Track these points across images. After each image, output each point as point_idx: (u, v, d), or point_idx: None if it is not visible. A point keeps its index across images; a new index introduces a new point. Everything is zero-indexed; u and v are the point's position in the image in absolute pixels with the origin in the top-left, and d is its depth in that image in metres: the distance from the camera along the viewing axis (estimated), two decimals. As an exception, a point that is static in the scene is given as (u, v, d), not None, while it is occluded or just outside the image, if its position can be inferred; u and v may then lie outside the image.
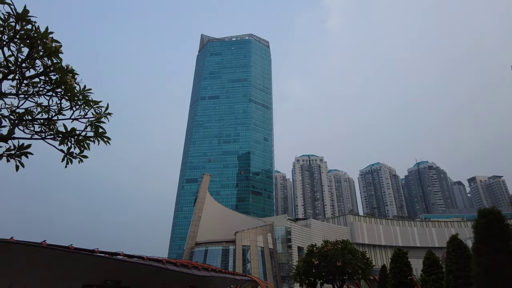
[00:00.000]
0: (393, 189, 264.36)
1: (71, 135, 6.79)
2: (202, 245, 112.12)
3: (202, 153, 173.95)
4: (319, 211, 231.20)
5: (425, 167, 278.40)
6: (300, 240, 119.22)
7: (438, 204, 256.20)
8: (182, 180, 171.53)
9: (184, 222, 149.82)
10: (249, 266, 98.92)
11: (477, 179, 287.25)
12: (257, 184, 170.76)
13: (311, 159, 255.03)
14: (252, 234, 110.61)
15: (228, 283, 39.11)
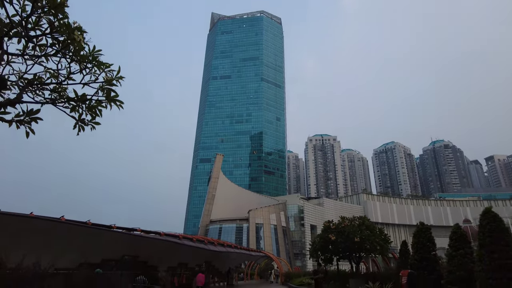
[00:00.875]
0: (408, 168, 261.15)
1: (82, 100, 6.39)
2: (217, 222, 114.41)
3: (214, 133, 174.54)
4: (332, 191, 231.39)
5: (441, 146, 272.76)
6: (313, 219, 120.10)
7: (454, 183, 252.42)
8: (195, 160, 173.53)
9: (198, 201, 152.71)
10: (262, 243, 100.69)
11: (495, 158, 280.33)
12: (270, 163, 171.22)
13: (324, 138, 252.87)
14: (265, 213, 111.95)
15: (243, 259, 39.74)
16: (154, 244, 22.08)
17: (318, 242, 19.86)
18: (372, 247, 18.15)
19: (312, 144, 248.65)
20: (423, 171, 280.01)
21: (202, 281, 18.50)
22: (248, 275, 44.55)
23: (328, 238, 19.16)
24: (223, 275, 35.50)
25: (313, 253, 20.67)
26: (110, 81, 6.29)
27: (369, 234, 18.61)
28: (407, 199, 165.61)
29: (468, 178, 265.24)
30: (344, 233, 18.65)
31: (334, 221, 20.74)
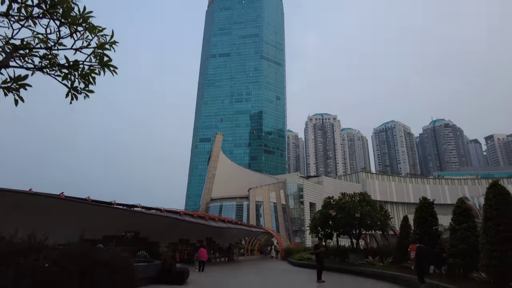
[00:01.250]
0: (407, 147, 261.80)
1: (74, 68, 6.00)
2: (217, 200, 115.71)
3: (214, 112, 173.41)
4: (331, 169, 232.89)
5: (441, 125, 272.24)
6: (312, 197, 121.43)
7: (452, 162, 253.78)
8: (195, 140, 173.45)
9: (199, 179, 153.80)
10: (262, 220, 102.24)
11: (495, 137, 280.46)
12: (270, 143, 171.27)
13: (324, 117, 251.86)
14: (265, 191, 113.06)
15: (244, 235, 40.33)
16: (155, 220, 22.19)
17: (319, 218, 19.94)
18: (373, 223, 18.22)
19: (312, 123, 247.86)
20: (422, 150, 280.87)
21: (205, 256, 18.66)
22: (249, 250, 45.40)
23: (328, 214, 19.21)
24: (224, 250, 36.10)
25: (313, 228, 20.80)
26: (103, 46, 5.90)
27: (369, 210, 18.64)
28: (406, 177, 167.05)
29: (467, 157, 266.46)
30: (344, 209, 18.67)
31: (334, 197, 20.75)
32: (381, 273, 14.06)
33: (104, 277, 5.18)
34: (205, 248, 19.56)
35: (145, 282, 11.21)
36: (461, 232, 9.66)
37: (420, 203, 12.74)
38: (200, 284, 12.12)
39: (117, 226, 20.33)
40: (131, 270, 5.91)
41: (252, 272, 18.49)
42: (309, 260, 25.05)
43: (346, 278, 15.31)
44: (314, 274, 17.18)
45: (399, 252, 14.64)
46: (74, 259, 5.02)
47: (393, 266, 15.00)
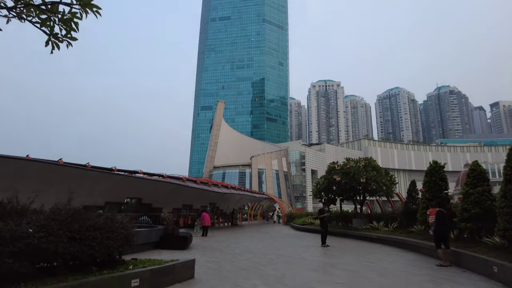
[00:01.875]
0: (410, 114, 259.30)
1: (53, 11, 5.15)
2: (220, 168, 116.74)
3: (215, 79, 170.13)
4: (333, 137, 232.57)
5: (446, 91, 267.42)
6: (313, 164, 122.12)
7: (456, 129, 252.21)
8: (197, 108, 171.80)
9: (202, 148, 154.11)
10: (264, 187, 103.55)
11: (501, 104, 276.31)
12: (272, 111, 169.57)
13: (327, 84, 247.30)
14: (267, 159, 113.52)
15: (246, 201, 40.68)
16: (157, 186, 22.03)
17: (322, 183, 19.64)
18: (378, 188, 17.91)
19: (315, 90, 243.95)
20: (426, 117, 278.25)
21: (208, 221, 18.62)
22: (252, 216, 46.11)
23: (332, 179, 18.87)
24: (227, 216, 36.56)
25: (317, 194, 20.59)
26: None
27: (375, 175, 18.26)
28: (408, 144, 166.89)
29: (470, 125, 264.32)
30: (349, 174, 18.29)
31: (339, 163, 20.32)
32: (387, 237, 13.90)
33: (97, 243, 4.77)
34: (208, 213, 19.46)
35: (148, 247, 11.04)
36: (475, 196, 9.22)
37: (430, 166, 12.24)
38: (203, 249, 11.97)
39: (119, 193, 20.16)
40: (127, 235, 5.50)
41: (255, 237, 18.51)
42: (312, 225, 25.19)
43: (350, 242, 15.22)
44: (317, 239, 17.16)
45: (406, 217, 14.39)
46: (62, 224, 4.57)
47: (398, 231, 14.83)
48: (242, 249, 12.21)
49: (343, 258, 9.97)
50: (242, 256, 10.30)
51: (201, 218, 18.68)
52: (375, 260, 9.60)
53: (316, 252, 11.48)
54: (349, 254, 11.08)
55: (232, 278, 6.78)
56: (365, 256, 10.45)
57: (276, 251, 11.77)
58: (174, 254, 10.39)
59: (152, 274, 5.47)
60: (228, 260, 9.41)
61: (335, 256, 10.57)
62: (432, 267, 8.34)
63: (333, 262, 9.27)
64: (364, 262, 9.24)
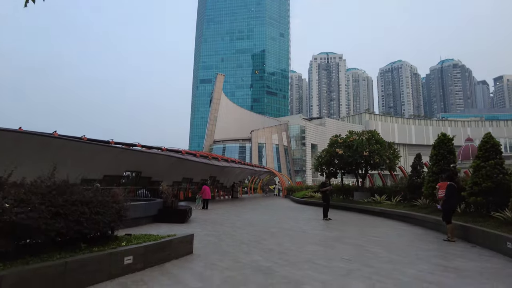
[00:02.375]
0: (412, 88, 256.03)
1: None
2: (220, 142, 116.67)
3: (214, 51, 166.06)
4: (334, 111, 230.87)
5: (450, 65, 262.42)
6: (314, 138, 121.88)
7: (457, 104, 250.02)
8: (196, 81, 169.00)
9: (201, 121, 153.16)
10: (264, 161, 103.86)
11: (505, 78, 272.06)
12: (272, 84, 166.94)
13: (329, 57, 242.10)
14: (267, 133, 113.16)
15: (247, 174, 40.66)
16: (157, 159, 21.69)
17: (324, 156, 19.26)
18: (381, 161, 17.54)
19: (316, 63, 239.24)
20: (427, 91, 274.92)
21: (208, 194, 18.38)
22: (252, 189, 46.32)
23: (334, 152, 18.47)
24: (228, 189, 36.63)
25: (318, 167, 20.27)
26: None
27: (378, 148, 17.84)
28: (409, 119, 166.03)
29: (472, 99, 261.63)
30: (352, 147, 17.87)
31: (342, 136, 19.86)
32: (390, 211, 13.67)
33: (86, 218, 4.36)
34: (208, 187, 19.22)
35: (146, 221, 10.77)
36: (487, 170, 8.80)
37: (438, 139, 11.75)
38: (203, 222, 11.74)
39: (118, 166, 19.84)
40: (119, 209, 5.10)
41: (256, 210, 18.39)
42: (312, 198, 25.14)
43: (352, 215, 15.05)
44: (318, 212, 17.01)
45: (410, 190, 14.10)
46: (45, 198, 4.14)
47: (401, 204, 14.60)
48: (242, 222, 12.00)
49: (347, 232, 9.72)
50: (242, 229, 10.06)
51: (201, 191, 18.46)
52: (380, 234, 9.35)
53: (318, 226, 11.26)
54: (352, 227, 10.85)
55: (232, 252, 6.48)
56: (369, 230, 10.21)
57: (277, 224, 11.56)
58: (173, 227, 10.15)
59: (147, 250, 5.11)
60: (228, 233, 9.15)
61: (338, 229, 10.33)
62: (439, 242, 8.07)
63: (337, 235, 9.01)
64: (368, 236, 8.98)
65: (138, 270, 4.88)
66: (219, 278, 4.72)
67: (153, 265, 5.22)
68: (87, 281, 4.14)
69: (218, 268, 5.25)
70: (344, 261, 5.85)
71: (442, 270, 5.34)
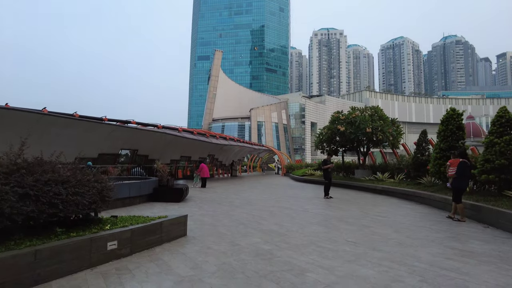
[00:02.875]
0: (414, 65, 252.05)
1: None
2: (219, 121, 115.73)
3: (212, 27, 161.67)
4: (334, 89, 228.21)
5: (452, 41, 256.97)
6: (313, 116, 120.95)
7: (459, 81, 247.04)
8: (193, 58, 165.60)
9: (200, 100, 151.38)
10: (263, 139, 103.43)
11: (508, 55, 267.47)
12: (272, 61, 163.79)
13: (330, 33, 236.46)
14: (266, 111, 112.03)
15: (246, 153, 40.23)
16: (153, 137, 21.11)
17: (325, 134, 18.69)
18: (384, 138, 16.99)
19: (317, 39, 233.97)
20: (429, 68, 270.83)
21: (206, 172, 17.94)
22: (251, 167, 46.07)
23: (336, 129, 17.88)
24: (227, 167, 36.30)
25: (319, 144, 19.74)
26: None
27: (382, 124, 17.24)
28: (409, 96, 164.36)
29: (474, 76, 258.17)
30: (354, 124, 17.26)
31: (344, 112, 19.20)
32: (393, 189, 13.25)
33: (61, 200, 3.84)
34: (206, 165, 18.76)
35: (140, 200, 10.32)
36: (500, 146, 8.26)
37: (447, 114, 11.13)
38: (200, 201, 11.31)
39: (113, 144, 19.28)
40: (102, 189, 4.56)
41: (255, 188, 18.02)
42: (312, 176, 24.79)
43: (354, 193, 14.67)
44: (319, 190, 16.64)
45: (414, 168, 13.62)
46: (9, 177, 3.59)
47: (405, 182, 14.18)
48: (241, 200, 11.59)
49: (350, 211, 9.29)
50: (241, 208, 9.63)
51: (199, 170, 18.02)
52: (385, 213, 8.92)
53: (319, 204, 10.84)
54: (355, 206, 10.43)
55: (229, 235, 6.03)
56: (373, 209, 9.79)
57: (277, 203, 11.14)
58: (167, 207, 9.72)
59: (134, 234, 4.62)
60: (226, 213, 8.71)
61: (340, 208, 9.91)
62: (449, 222, 7.63)
63: (340, 215, 8.58)
64: (373, 215, 8.55)
65: (124, 256, 4.41)
66: (214, 264, 4.25)
67: (142, 249, 4.75)
68: (63, 271, 3.66)
69: (214, 253, 4.78)
70: (349, 244, 5.40)
71: (457, 254, 4.88)
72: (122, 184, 9.28)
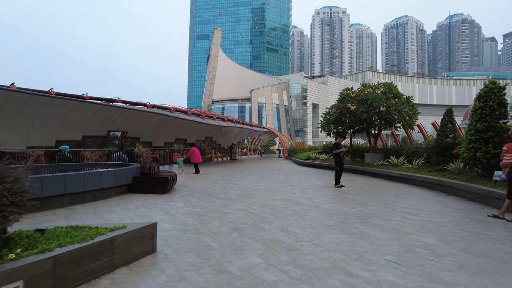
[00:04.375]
0: (417, 45, 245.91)
1: None
2: (219, 102, 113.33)
3: (211, 4, 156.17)
4: (337, 69, 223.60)
5: (458, 20, 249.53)
6: (315, 97, 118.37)
7: (463, 62, 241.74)
8: (192, 37, 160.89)
9: (199, 81, 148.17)
10: (264, 121, 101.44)
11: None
12: (273, 40, 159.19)
13: (332, 11, 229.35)
14: (267, 92, 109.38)
15: (246, 135, 38.44)
16: (144, 117, 19.30)
17: (333, 113, 16.81)
18: (400, 118, 15.15)
19: (319, 17, 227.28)
20: (433, 48, 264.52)
21: (199, 157, 16.31)
22: (252, 150, 44.43)
23: (345, 108, 16.01)
24: (226, 150, 34.64)
25: (325, 125, 17.90)
26: None
27: (397, 103, 15.37)
28: (413, 77, 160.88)
29: (479, 57, 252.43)
30: (366, 102, 15.38)
31: (353, 89, 17.26)
32: (413, 176, 11.53)
33: None
34: (198, 148, 17.03)
35: (117, 192, 8.63)
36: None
37: (486, 87, 9.26)
38: (189, 191, 9.63)
39: (99, 125, 17.47)
40: (14, 190, 2.85)
41: (254, 174, 16.35)
42: (317, 160, 23.12)
43: (366, 180, 13.01)
44: (325, 176, 14.96)
45: (437, 152, 11.86)
46: None
47: (425, 168, 12.48)
48: (238, 191, 9.92)
49: (371, 206, 7.60)
50: (237, 203, 7.94)
51: (189, 154, 16.34)
52: (415, 209, 7.22)
53: (331, 196, 9.16)
54: (375, 198, 8.74)
55: (217, 249, 4.34)
56: (397, 203, 8.10)
57: (280, 194, 9.46)
58: (148, 200, 8.02)
59: (59, 263, 2.91)
60: (217, 210, 7.02)
61: (357, 202, 8.22)
62: (505, 224, 5.94)
63: (361, 212, 6.89)
64: (401, 213, 6.86)
65: (38, 302, 2.72)
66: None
67: (76, 285, 3.06)
68: None
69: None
70: (391, 268, 3.71)
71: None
72: (90, 174, 7.55)
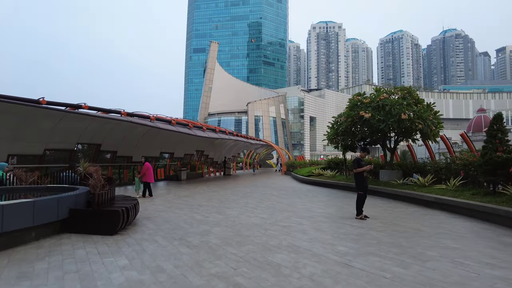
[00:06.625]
0: (413, 59, 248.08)
1: None
2: (215, 115, 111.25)
3: (208, 18, 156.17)
4: (333, 83, 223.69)
5: (452, 35, 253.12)
6: (312, 111, 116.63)
7: (458, 76, 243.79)
8: (188, 50, 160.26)
9: (195, 94, 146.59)
10: (261, 134, 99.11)
11: (507, 49, 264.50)
12: (270, 53, 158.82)
13: (328, 26, 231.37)
14: (264, 105, 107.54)
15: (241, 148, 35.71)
16: (121, 127, 16.56)
17: (343, 122, 14.18)
18: (425, 128, 12.55)
19: (315, 32, 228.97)
20: (428, 62, 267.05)
21: (151, 176, 12.72)
22: (248, 164, 41.67)
23: (358, 116, 13.41)
24: (219, 165, 31.89)
25: (333, 137, 15.25)
26: None
27: (420, 110, 12.82)
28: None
29: (473, 71, 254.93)
30: (383, 109, 12.81)
31: (366, 94, 14.70)
32: (458, 203, 8.78)
33: None
34: (151, 165, 13.73)
35: (44, 233, 5.74)
36: None
37: None
38: (154, 230, 6.78)
39: (65, 136, 14.68)
40: None
41: (249, 196, 13.55)
42: (321, 176, 20.39)
43: (389, 205, 10.29)
44: (336, 198, 12.21)
45: (485, 171, 9.14)
46: None
47: (466, 190, 9.78)
48: (224, 229, 7.07)
49: (431, 261, 4.81)
50: (218, 258, 4.99)
51: (143, 171, 12.56)
52: (502, 268, 4.44)
53: (359, 238, 6.34)
54: (422, 241, 5.94)
55: None
56: (462, 251, 5.31)
57: (285, 234, 6.59)
58: (78, 251, 4.98)
59: None
60: (179, 280, 4.13)
61: (405, 251, 5.42)
62: None
63: (424, 278, 4.10)
64: (486, 276, 4.08)
65: None
66: None
67: None
68: None
69: None
70: None
71: None
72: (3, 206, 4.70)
